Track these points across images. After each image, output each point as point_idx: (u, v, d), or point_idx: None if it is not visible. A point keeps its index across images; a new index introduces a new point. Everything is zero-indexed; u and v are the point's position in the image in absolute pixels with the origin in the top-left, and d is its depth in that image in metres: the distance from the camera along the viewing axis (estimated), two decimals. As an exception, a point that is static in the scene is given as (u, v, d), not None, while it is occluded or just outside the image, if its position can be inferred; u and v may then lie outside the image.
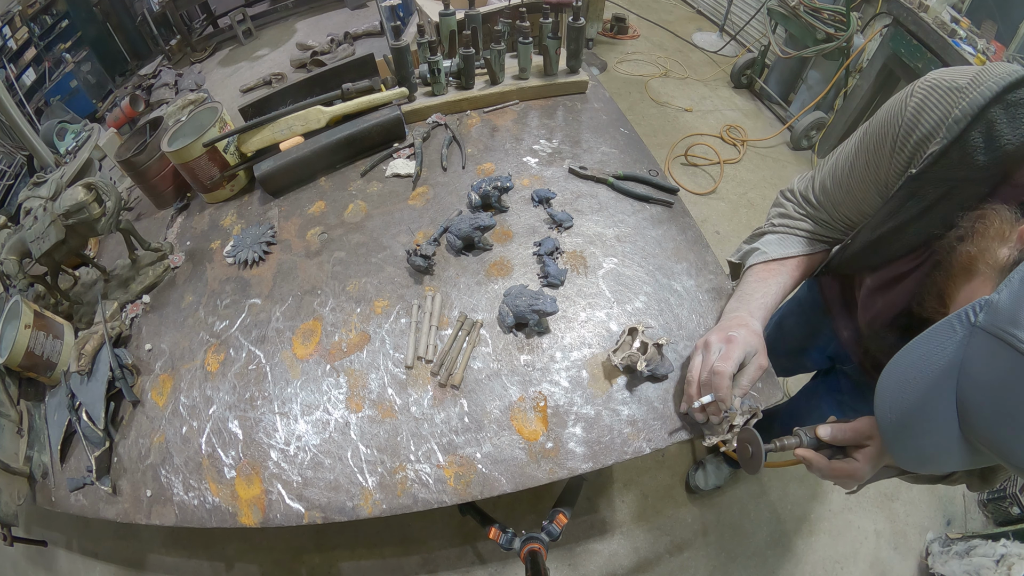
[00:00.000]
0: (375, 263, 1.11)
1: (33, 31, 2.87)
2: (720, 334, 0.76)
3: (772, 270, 0.84)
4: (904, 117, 0.62)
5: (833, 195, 0.79)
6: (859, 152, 0.71)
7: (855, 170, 0.73)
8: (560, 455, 0.82)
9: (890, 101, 0.66)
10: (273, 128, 1.30)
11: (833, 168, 0.78)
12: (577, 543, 1.62)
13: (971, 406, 0.44)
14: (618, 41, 3.79)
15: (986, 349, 0.43)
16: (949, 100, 0.58)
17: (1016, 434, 0.41)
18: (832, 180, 0.78)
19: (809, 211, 0.84)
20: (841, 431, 0.66)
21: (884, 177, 0.68)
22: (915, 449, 0.51)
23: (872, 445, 0.64)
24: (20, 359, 1.02)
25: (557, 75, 1.41)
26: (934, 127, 0.59)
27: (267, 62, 3.22)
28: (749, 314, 0.80)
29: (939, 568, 1.50)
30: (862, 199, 0.74)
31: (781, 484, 1.73)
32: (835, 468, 0.66)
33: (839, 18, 2.39)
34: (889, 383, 0.52)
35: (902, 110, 0.62)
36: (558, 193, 1.16)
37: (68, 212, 1.05)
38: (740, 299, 0.83)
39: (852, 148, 0.73)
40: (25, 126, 2.08)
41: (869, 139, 0.69)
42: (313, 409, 0.93)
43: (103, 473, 0.94)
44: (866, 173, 0.70)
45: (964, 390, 0.45)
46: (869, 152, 0.69)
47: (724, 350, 0.74)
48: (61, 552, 1.77)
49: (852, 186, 0.74)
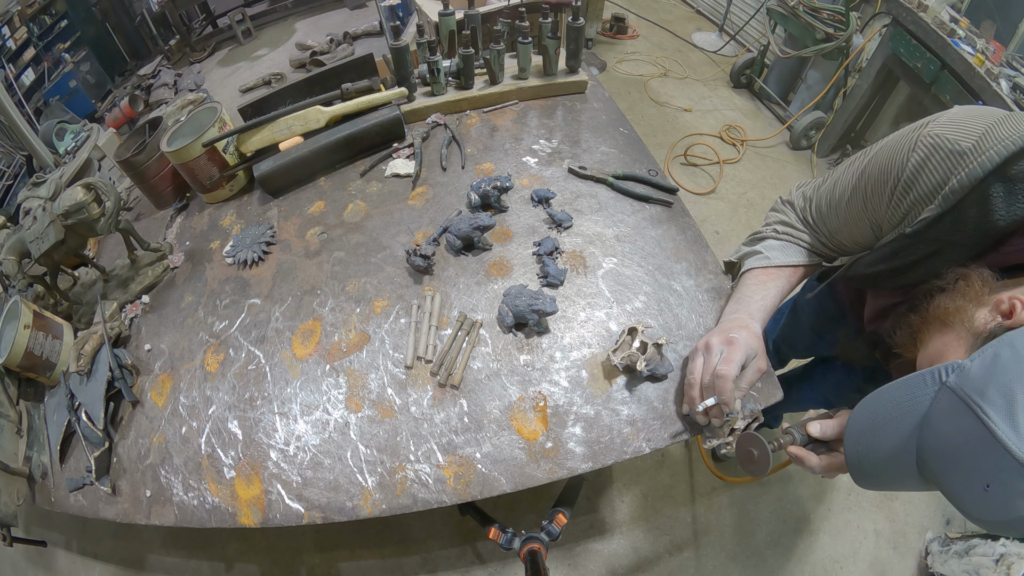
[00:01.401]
0: (375, 263, 1.11)
1: (32, 31, 2.86)
2: (721, 336, 0.77)
3: (771, 275, 0.84)
4: (905, 172, 0.62)
5: (828, 220, 0.79)
6: (857, 189, 0.71)
7: (852, 205, 0.73)
8: (560, 455, 0.82)
9: (893, 143, 0.65)
10: (272, 128, 1.30)
11: (830, 196, 0.78)
12: (577, 543, 1.62)
13: (929, 454, 0.49)
14: (617, 41, 3.79)
15: (951, 408, 0.47)
16: (949, 165, 0.58)
17: (966, 487, 0.46)
18: (827, 206, 0.78)
19: (806, 229, 0.85)
20: (830, 427, 0.66)
21: (880, 219, 0.69)
22: (875, 479, 0.57)
23: None
24: (19, 359, 1.02)
25: (556, 75, 1.41)
26: (932, 190, 0.60)
27: (266, 62, 3.22)
28: (749, 316, 0.80)
29: (938, 568, 1.50)
30: (857, 232, 0.75)
31: (781, 484, 1.73)
32: (825, 465, 0.66)
33: (838, 18, 2.39)
34: (860, 418, 0.56)
35: (903, 163, 0.62)
36: (557, 193, 1.16)
37: (67, 212, 1.05)
38: (740, 301, 0.84)
39: (850, 182, 0.72)
40: (24, 126, 2.08)
41: (868, 180, 0.68)
42: (313, 409, 0.92)
43: (102, 473, 0.94)
44: (863, 211, 0.71)
45: (925, 439, 0.49)
46: (867, 194, 0.69)
47: (726, 353, 0.74)
48: (60, 552, 1.77)
49: (849, 218, 0.75)
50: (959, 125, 0.58)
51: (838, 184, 0.76)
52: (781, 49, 2.76)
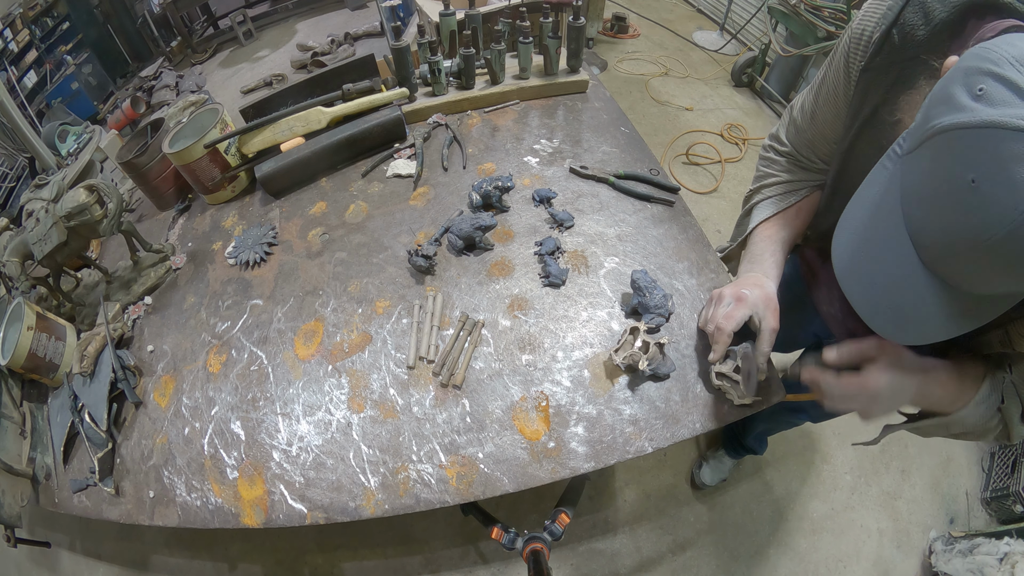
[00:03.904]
0: (376, 263, 1.11)
1: (34, 33, 2.87)
2: (734, 289, 0.80)
3: (773, 224, 0.88)
4: (852, 31, 0.68)
5: (802, 127, 0.83)
6: (822, 82, 0.76)
7: (819, 98, 0.77)
8: (562, 455, 0.82)
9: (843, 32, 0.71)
10: (274, 129, 1.30)
11: (802, 104, 0.83)
12: (580, 543, 1.62)
13: (919, 222, 0.46)
14: (618, 40, 3.78)
15: (914, 165, 0.46)
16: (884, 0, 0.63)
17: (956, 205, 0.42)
18: (801, 114, 0.83)
19: (784, 151, 0.89)
20: (846, 348, 0.66)
21: (843, 95, 0.72)
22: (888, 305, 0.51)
23: (885, 356, 0.63)
24: (23, 361, 1.02)
25: (557, 75, 1.41)
26: (876, 24, 0.63)
27: (268, 63, 3.23)
28: (764, 274, 0.83)
29: (942, 566, 1.49)
30: (824, 123, 0.78)
31: (784, 482, 1.73)
32: (845, 383, 0.65)
33: (840, 16, 2.38)
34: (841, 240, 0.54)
35: (850, 27, 0.68)
36: (559, 193, 1.16)
37: (70, 214, 1.05)
38: (752, 260, 0.87)
39: (816, 80, 0.78)
40: (27, 128, 2.08)
41: (831, 68, 0.74)
42: (315, 410, 0.93)
43: (106, 474, 0.94)
44: (829, 97, 0.75)
45: (909, 213, 0.47)
46: (829, 79, 0.74)
47: (732, 308, 0.78)
48: (64, 553, 1.77)
49: (816, 112, 0.79)
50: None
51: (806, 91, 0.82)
52: (782, 47, 2.75)
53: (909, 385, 0.64)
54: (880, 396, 0.64)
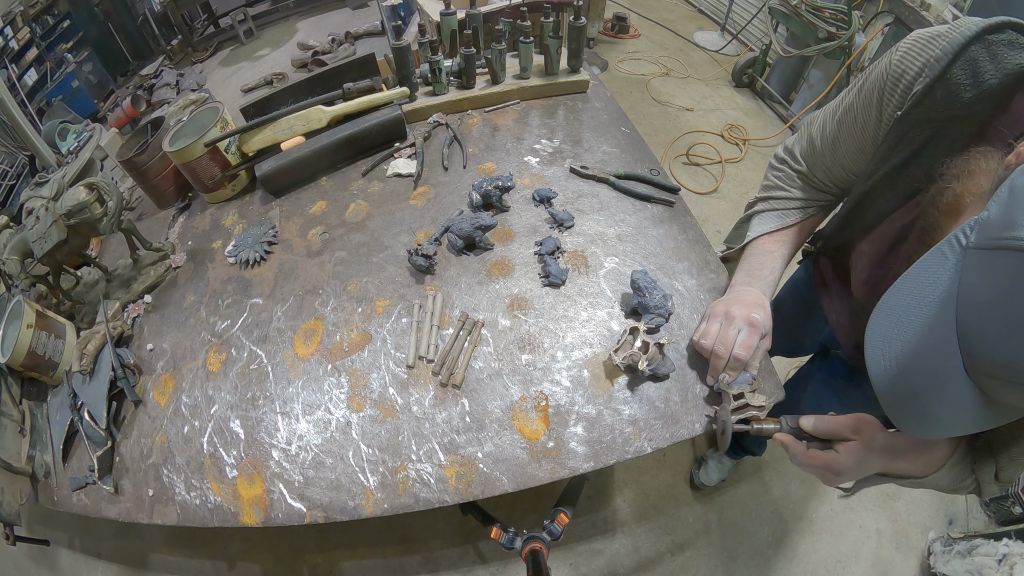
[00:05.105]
0: (376, 263, 1.11)
1: (35, 31, 2.87)
2: (743, 311, 0.78)
3: (776, 240, 0.87)
4: (890, 69, 0.64)
5: (821, 151, 0.80)
6: (848, 110, 0.73)
7: (843, 126, 0.74)
8: (561, 454, 0.82)
9: (877, 62, 0.68)
10: (274, 128, 1.30)
11: (823, 126, 0.79)
12: (579, 542, 1.62)
13: (975, 332, 0.40)
14: (619, 40, 3.78)
15: (984, 266, 0.40)
16: (931, 45, 0.60)
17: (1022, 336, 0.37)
18: (821, 137, 0.80)
19: (798, 169, 0.86)
20: (823, 422, 0.65)
21: (872, 133, 0.69)
22: (916, 404, 0.45)
23: (858, 439, 0.63)
24: (22, 359, 1.02)
25: (558, 74, 1.41)
26: (919, 71, 0.61)
27: (268, 62, 3.23)
28: (762, 292, 0.82)
29: (941, 568, 1.49)
30: (846, 154, 0.76)
31: (783, 483, 1.73)
32: (811, 456, 0.65)
33: (841, 17, 2.38)
34: (879, 326, 0.47)
35: (888, 64, 0.64)
36: (559, 192, 1.16)
37: (70, 212, 1.05)
38: (750, 274, 0.86)
39: (841, 106, 0.75)
40: (27, 126, 2.08)
41: (860, 97, 0.70)
42: (314, 409, 0.93)
43: (105, 472, 0.94)
44: (854, 128, 0.72)
45: (965, 318, 0.41)
46: (858, 109, 0.71)
47: (745, 335, 0.76)
48: (63, 551, 1.77)
49: (838, 141, 0.76)
50: (930, 28, 0.62)
51: (828, 113, 0.79)
52: (783, 48, 2.75)
53: (876, 464, 0.64)
54: (844, 474, 0.64)
